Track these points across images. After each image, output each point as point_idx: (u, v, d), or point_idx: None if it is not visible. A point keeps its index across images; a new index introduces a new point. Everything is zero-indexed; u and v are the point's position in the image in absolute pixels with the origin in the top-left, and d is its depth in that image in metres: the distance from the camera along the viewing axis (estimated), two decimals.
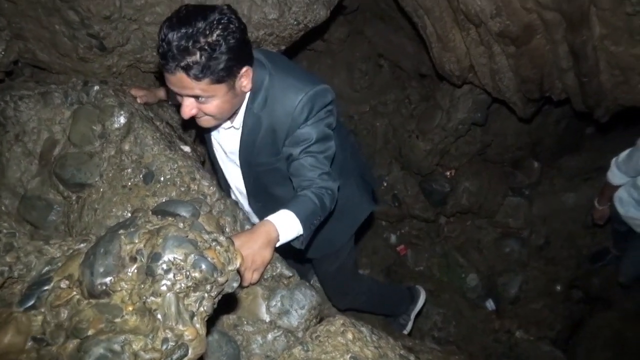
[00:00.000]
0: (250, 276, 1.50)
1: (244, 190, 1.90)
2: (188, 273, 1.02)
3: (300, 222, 1.55)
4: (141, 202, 1.60)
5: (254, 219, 2.00)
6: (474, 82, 3.40)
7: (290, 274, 1.66)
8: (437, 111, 3.95)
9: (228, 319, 1.52)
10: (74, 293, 1.06)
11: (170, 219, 1.16)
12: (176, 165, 1.68)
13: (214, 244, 1.11)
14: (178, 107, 1.63)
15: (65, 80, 2.16)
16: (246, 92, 1.57)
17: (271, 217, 1.53)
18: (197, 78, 1.38)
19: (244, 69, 1.47)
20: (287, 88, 1.58)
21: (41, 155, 1.74)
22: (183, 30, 1.32)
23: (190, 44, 1.33)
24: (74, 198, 1.69)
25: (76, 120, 1.74)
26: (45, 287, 1.05)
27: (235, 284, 1.12)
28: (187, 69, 1.35)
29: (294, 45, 2.52)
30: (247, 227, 1.71)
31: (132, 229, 1.11)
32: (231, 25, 1.38)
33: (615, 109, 2.99)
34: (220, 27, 1.35)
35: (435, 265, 4.37)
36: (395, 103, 4.39)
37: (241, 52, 1.43)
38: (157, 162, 1.67)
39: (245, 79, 1.51)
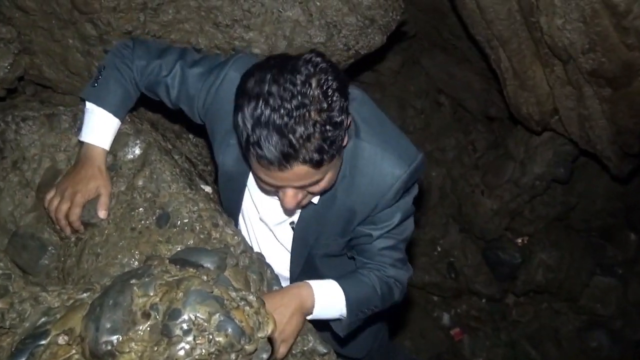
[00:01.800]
0: (278, 348, 1.51)
1: (285, 267, 1.88)
2: (211, 336, 1.05)
3: (346, 302, 1.54)
4: (152, 248, 1.65)
5: (285, 283, 2.02)
6: (556, 129, 3.42)
7: (326, 351, 1.66)
8: (509, 162, 3.97)
9: None
10: (73, 351, 1.09)
11: (191, 270, 1.20)
12: (196, 207, 1.73)
13: (242, 303, 1.14)
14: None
15: (71, 101, 2.28)
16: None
17: (312, 282, 1.53)
18: (321, 164, 1.30)
19: (349, 119, 1.40)
20: (380, 161, 1.52)
21: (39, 187, 1.82)
22: (291, 105, 1.22)
23: (309, 127, 1.23)
24: (72, 240, 1.75)
25: None
26: (41, 342, 1.09)
27: (265, 355, 1.14)
28: (310, 160, 1.27)
29: None
30: (276, 288, 1.73)
31: (146, 279, 1.15)
32: (335, 82, 1.30)
33: None
34: (329, 90, 1.28)
35: (500, 357, 4.27)
36: (456, 150, 4.43)
37: (347, 101, 1.36)
38: (175, 202, 1.73)
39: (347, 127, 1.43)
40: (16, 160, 1.82)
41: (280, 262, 1.84)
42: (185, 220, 1.72)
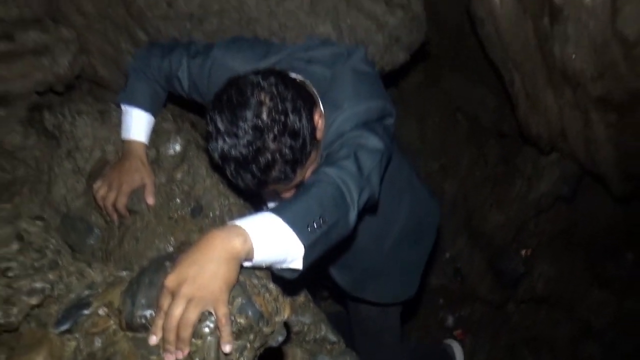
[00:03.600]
0: (189, 311, 1.02)
1: None
2: (233, 318, 1.08)
3: (285, 220, 1.15)
4: (186, 236, 1.70)
5: None
6: (563, 150, 3.40)
7: (335, 339, 1.69)
8: (517, 178, 3.95)
9: None
10: (111, 322, 1.14)
11: None
12: (227, 201, 1.78)
13: (263, 290, 1.17)
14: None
15: None
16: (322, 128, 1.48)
17: (237, 220, 1.13)
18: (291, 178, 1.35)
19: (316, 116, 1.42)
20: (343, 118, 1.49)
21: (90, 175, 1.89)
22: (244, 141, 1.25)
23: (268, 157, 1.27)
24: (116, 224, 1.81)
25: None
26: (84, 312, 1.14)
27: (281, 338, 1.17)
28: (278, 181, 1.34)
29: None
30: None
31: None
32: (287, 104, 1.29)
33: None
34: (275, 99, 1.28)
35: (498, 359, 4.23)
36: (469, 163, 4.41)
37: (307, 105, 1.36)
38: (208, 195, 1.78)
39: (317, 117, 1.43)
40: (70, 149, 1.89)
41: None
42: (217, 212, 1.77)
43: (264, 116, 1.26)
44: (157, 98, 1.84)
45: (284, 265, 1.18)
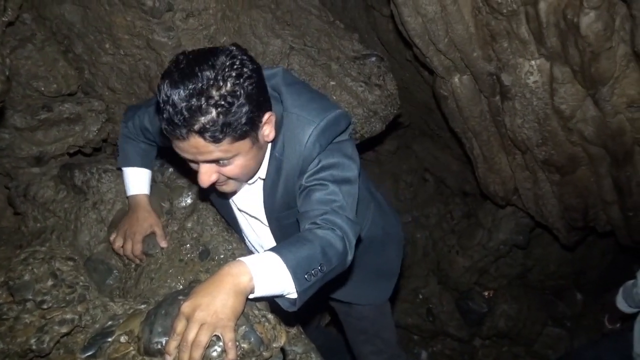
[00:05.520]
0: (201, 334, 1.04)
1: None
2: (238, 343, 1.10)
3: (287, 267, 1.13)
4: (195, 276, 1.71)
5: None
6: (517, 205, 3.48)
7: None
8: (479, 229, 4.01)
9: None
10: (131, 348, 1.15)
11: None
12: (231, 246, 1.80)
13: (263, 319, 1.20)
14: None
15: None
16: (269, 142, 1.36)
17: (245, 257, 1.13)
18: (217, 140, 1.16)
19: (266, 115, 1.27)
20: (298, 125, 1.34)
21: (111, 223, 1.91)
22: (190, 86, 1.11)
23: (202, 101, 1.11)
24: (132, 266, 1.82)
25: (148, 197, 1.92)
26: (108, 339, 1.15)
27: None
28: (202, 132, 1.14)
29: None
30: None
31: None
32: (245, 69, 1.17)
33: None
34: (233, 73, 1.15)
35: None
36: (437, 217, 4.48)
37: (261, 97, 1.22)
38: (214, 241, 1.80)
39: (267, 127, 1.29)
40: (96, 202, 1.91)
41: (271, 244, 1.65)
42: (222, 256, 1.79)
43: (220, 71, 1.13)
44: (146, 154, 1.77)
45: (282, 297, 1.18)
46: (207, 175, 1.26)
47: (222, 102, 1.13)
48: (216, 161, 1.24)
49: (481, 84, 2.70)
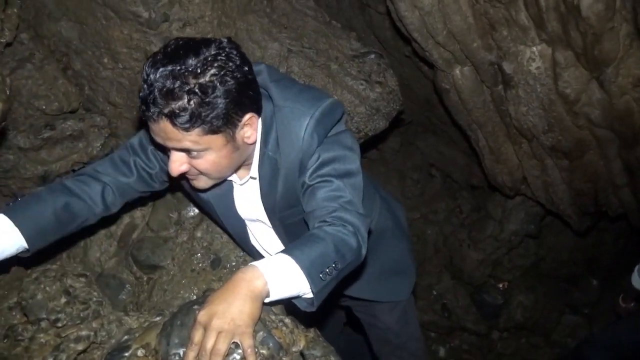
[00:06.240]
0: (220, 342, 1.01)
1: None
2: (257, 349, 1.08)
3: (301, 267, 1.10)
4: (207, 285, 1.69)
5: None
6: (526, 194, 3.45)
7: None
8: (489, 221, 3.97)
9: None
10: None
11: None
12: (242, 253, 1.78)
13: (280, 324, 1.18)
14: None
15: None
16: (251, 144, 1.30)
17: (258, 262, 1.10)
18: (185, 128, 1.13)
19: (247, 116, 1.22)
20: (293, 117, 1.28)
21: (121, 238, 1.90)
22: (169, 68, 1.09)
23: (176, 85, 1.09)
24: (145, 279, 1.80)
25: (156, 208, 1.90)
26: (125, 354, 1.13)
27: None
28: (172, 116, 1.11)
29: None
30: None
31: None
32: (230, 63, 1.14)
33: None
34: (216, 64, 1.12)
35: None
36: (446, 212, 4.44)
37: (242, 97, 1.18)
38: (225, 249, 1.79)
39: (249, 129, 1.24)
40: (103, 217, 1.90)
41: (277, 247, 1.59)
42: (234, 264, 1.77)
43: (203, 62, 1.11)
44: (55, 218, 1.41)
45: (299, 298, 1.15)
46: (176, 163, 1.22)
47: (197, 91, 1.10)
48: (187, 151, 1.20)
49: (483, 74, 2.67)
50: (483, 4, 2.30)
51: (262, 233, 1.60)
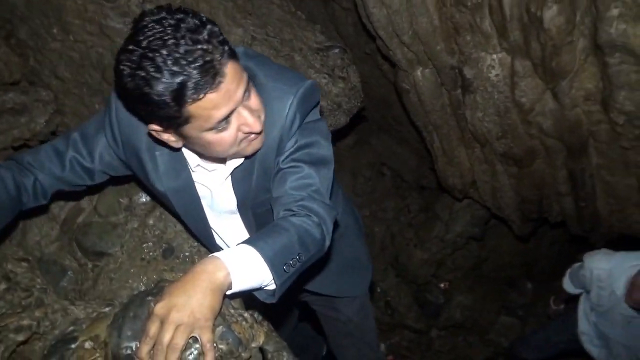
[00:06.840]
0: (177, 336, 0.96)
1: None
2: (215, 344, 1.03)
3: (265, 258, 1.06)
4: (158, 276, 1.61)
5: None
6: (474, 197, 3.54)
7: None
8: (436, 222, 4.06)
9: None
10: (97, 355, 1.05)
11: None
12: (196, 243, 1.71)
13: (240, 318, 1.13)
14: None
15: None
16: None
17: (220, 253, 1.06)
18: (238, 58, 1.09)
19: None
20: (275, 96, 1.24)
21: (64, 221, 1.77)
22: (183, 27, 1.01)
23: (205, 30, 1.02)
24: (89, 266, 1.70)
25: (105, 192, 1.80)
26: (70, 346, 1.05)
27: None
28: (230, 49, 1.06)
29: None
30: None
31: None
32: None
33: (610, 235, 3.11)
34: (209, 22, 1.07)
35: None
36: (395, 211, 4.51)
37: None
38: (179, 239, 1.71)
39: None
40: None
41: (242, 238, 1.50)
42: (187, 254, 1.70)
43: (197, 19, 1.04)
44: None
45: (260, 289, 1.11)
46: (252, 114, 1.13)
47: (216, 29, 1.05)
48: (245, 93, 1.11)
49: (443, 77, 2.71)
50: (450, 8, 2.33)
51: (227, 224, 1.54)
